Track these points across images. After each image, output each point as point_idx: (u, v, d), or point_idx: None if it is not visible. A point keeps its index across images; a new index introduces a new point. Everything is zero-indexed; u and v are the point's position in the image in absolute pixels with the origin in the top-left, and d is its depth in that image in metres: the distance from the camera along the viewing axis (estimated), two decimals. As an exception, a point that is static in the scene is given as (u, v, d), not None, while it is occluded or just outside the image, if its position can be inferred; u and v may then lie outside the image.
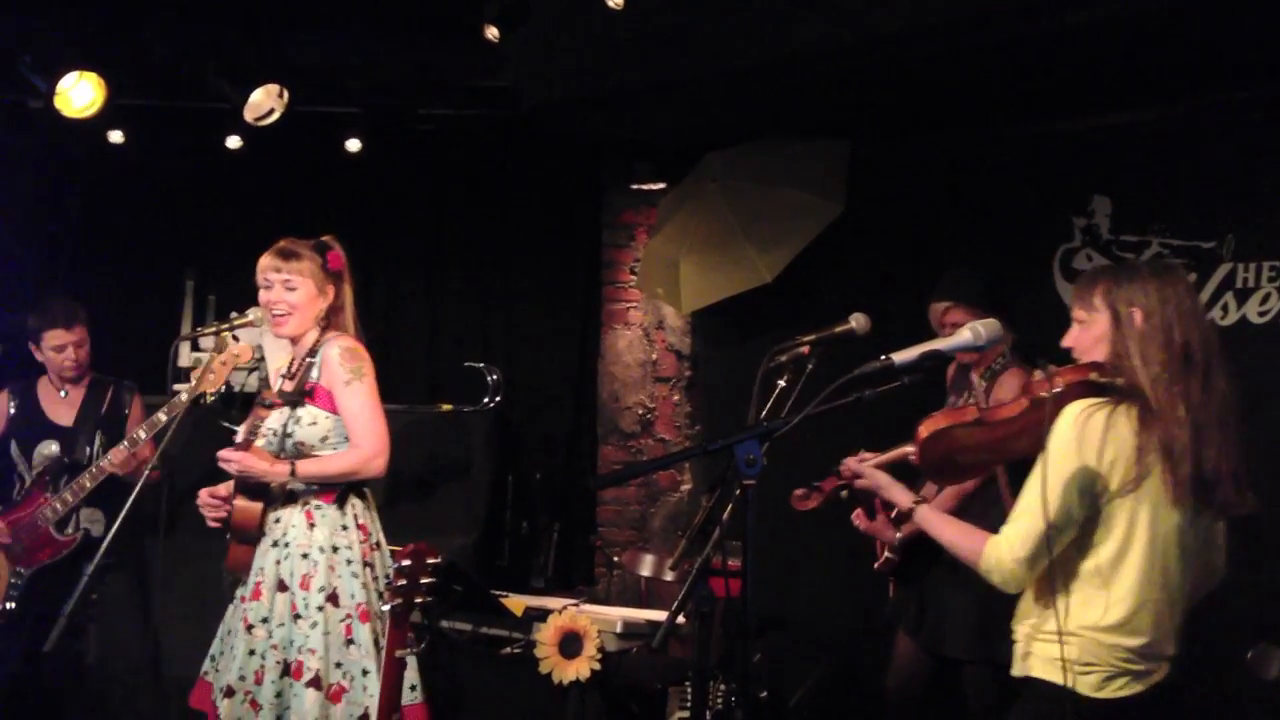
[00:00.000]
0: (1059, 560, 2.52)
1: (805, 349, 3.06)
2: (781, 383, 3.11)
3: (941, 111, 4.96)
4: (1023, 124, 4.87)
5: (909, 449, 2.83)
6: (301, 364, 3.71)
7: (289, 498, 3.65)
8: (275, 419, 3.67)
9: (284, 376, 3.79)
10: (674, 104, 5.14)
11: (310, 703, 3.46)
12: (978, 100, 4.77)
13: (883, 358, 2.63)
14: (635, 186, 6.19)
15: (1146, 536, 2.50)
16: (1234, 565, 4.17)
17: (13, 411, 4.82)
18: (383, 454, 3.64)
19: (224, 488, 3.69)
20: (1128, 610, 2.50)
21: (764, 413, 2.86)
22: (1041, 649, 2.57)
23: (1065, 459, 2.47)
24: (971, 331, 2.70)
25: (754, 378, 2.90)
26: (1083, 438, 2.47)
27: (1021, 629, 2.64)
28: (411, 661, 3.56)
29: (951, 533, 2.70)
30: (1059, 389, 2.55)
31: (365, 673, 3.52)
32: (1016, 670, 2.64)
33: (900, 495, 2.80)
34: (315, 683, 3.47)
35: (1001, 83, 4.56)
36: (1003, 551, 2.53)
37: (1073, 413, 2.49)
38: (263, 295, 3.71)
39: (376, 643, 3.54)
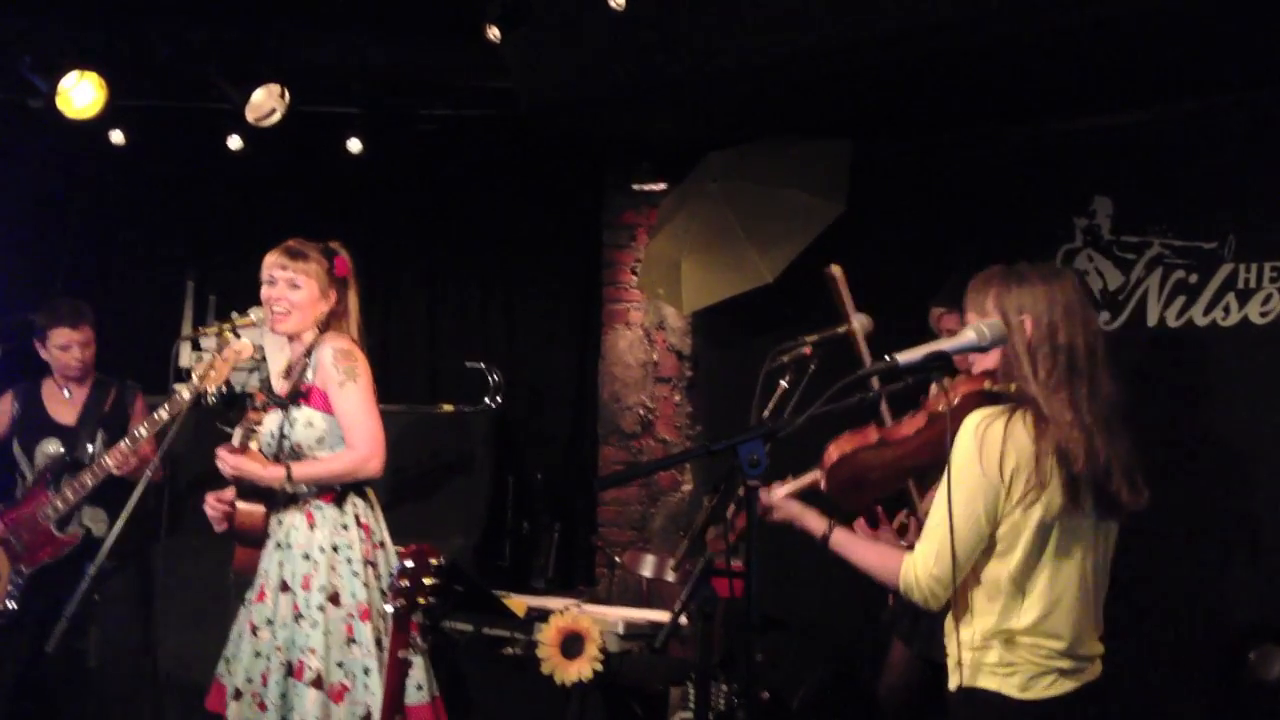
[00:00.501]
0: (974, 570, 2.52)
1: (807, 349, 3.06)
2: (784, 383, 3.11)
3: (942, 111, 4.95)
4: (1023, 124, 4.87)
5: (817, 475, 2.78)
6: (297, 365, 3.71)
7: (290, 499, 3.65)
8: (271, 421, 3.66)
9: (283, 378, 3.79)
10: (675, 104, 5.13)
11: (312, 703, 3.46)
12: (978, 100, 4.77)
13: (886, 358, 2.62)
14: (636, 187, 6.18)
15: (1055, 540, 2.50)
16: (1234, 565, 4.20)
17: (16, 412, 4.82)
18: (378, 455, 3.63)
19: (229, 491, 3.68)
20: (1040, 612, 2.49)
21: (766, 413, 2.85)
22: (970, 658, 2.56)
23: (968, 471, 2.47)
24: (976, 332, 2.68)
25: (755, 378, 2.89)
26: (983, 448, 2.46)
27: (950, 644, 2.62)
28: (419, 661, 3.57)
29: (869, 557, 2.67)
30: (955, 402, 2.56)
31: (367, 671, 3.52)
32: (951, 684, 2.62)
33: (814, 523, 2.73)
34: (317, 683, 3.47)
35: (1001, 83, 4.56)
36: (919, 570, 2.51)
37: (972, 423, 2.49)
38: (265, 291, 3.70)
39: (379, 641, 3.53)
